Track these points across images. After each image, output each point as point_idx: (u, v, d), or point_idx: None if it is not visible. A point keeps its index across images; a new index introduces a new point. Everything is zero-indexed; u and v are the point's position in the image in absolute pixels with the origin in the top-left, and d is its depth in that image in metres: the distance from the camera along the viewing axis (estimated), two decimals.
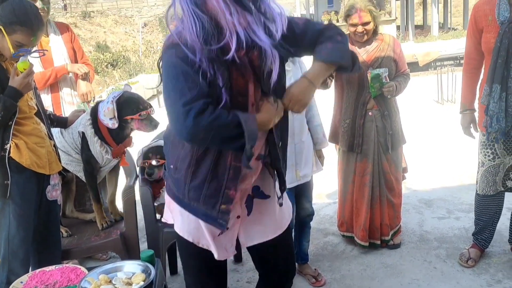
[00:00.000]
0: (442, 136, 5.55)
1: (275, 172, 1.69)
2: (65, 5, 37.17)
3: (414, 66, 10.73)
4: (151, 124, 2.53)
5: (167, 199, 1.72)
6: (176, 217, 1.68)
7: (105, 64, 27.05)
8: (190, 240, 1.65)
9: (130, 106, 2.47)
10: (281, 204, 1.74)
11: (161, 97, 9.60)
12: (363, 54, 2.82)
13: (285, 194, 1.78)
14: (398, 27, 27.59)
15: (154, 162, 2.66)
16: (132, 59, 23.14)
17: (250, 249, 1.79)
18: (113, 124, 2.46)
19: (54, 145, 2.35)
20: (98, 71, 27.02)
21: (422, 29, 26.86)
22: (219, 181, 1.52)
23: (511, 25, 2.38)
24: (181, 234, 1.67)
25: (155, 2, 43.32)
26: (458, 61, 10.69)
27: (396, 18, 27.39)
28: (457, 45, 13.75)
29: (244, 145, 1.39)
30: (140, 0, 43.40)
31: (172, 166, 1.60)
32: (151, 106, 2.56)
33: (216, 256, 1.65)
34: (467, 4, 27.27)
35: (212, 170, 1.51)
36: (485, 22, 2.50)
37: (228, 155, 1.50)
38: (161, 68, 1.44)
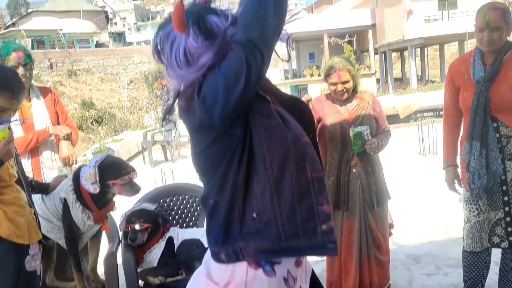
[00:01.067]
0: (426, 188, 5.58)
1: None
2: (50, 64, 37.67)
3: (395, 118, 10.99)
4: (133, 189, 2.51)
5: (247, 277, 1.39)
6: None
7: (90, 121, 27.17)
8: None
9: (112, 170, 2.46)
10: None
11: (146, 154, 9.51)
12: (344, 112, 2.87)
13: None
14: (378, 80, 28.46)
15: (137, 227, 2.61)
16: (117, 116, 23.27)
17: None
18: (94, 189, 2.43)
19: (35, 213, 2.29)
20: (83, 128, 27.10)
21: (401, 81, 27.68)
22: (308, 200, 1.36)
23: (487, 84, 2.46)
24: None
25: (140, 60, 44.19)
26: (437, 113, 10.98)
27: (376, 71, 28.33)
28: (436, 97, 14.16)
29: None
30: (126, 58, 44.29)
31: (254, 215, 1.36)
32: (133, 170, 2.54)
33: None
34: (443, 57, 28.41)
35: (297, 189, 1.35)
36: (461, 81, 2.59)
37: (306, 168, 1.36)
38: None
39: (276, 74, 31.26)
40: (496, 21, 2.38)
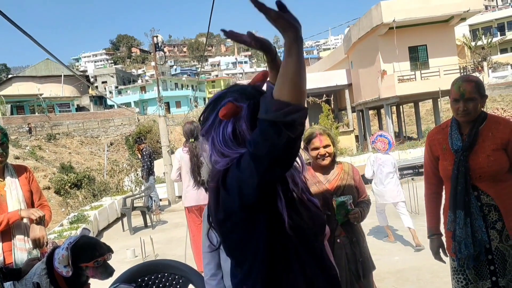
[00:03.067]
0: (411, 252, 5.50)
1: None
2: (30, 129, 37.47)
3: None
4: (106, 271, 2.40)
5: None
6: None
7: (69, 185, 26.72)
8: None
9: (85, 252, 2.35)
10: None
11: (125, 220, 9.32)
12: (325, 182, 2.85)
13: None
14: (357, 138, 28.97)
15: None
16: (97, 179, 22.93)
17: None
18: (67, 272, 2.32)
19: None
20: (61, 193, 26.60)
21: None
22: None
23: (465, 153, 2.48)
24: None
25: (121, 122, 44.36)
26: (417, 170, 11.10)
27: (354, 129, 28.89)
28: (414, 154, 14.43)
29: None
30: (107, 120, 44.43)
31: None
32: (108, 251, 2.44)
33: None
34: (419, 114, 29.23)
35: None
36: (440, 151, 2.61)
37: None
38: None
39: None
40: (470, 92, 2.45)
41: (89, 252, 2.36)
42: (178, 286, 2.88)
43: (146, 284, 2.84)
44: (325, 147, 2.82)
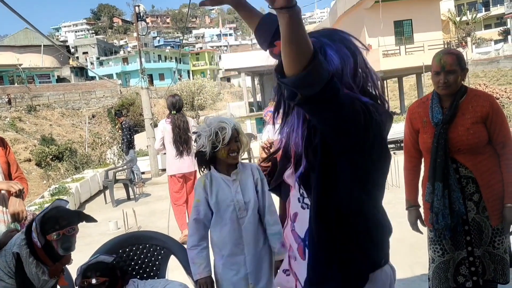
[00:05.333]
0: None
1: None
2: (9, 100, 36.67)
3: None
4: (61, 247, 2.34)
5: None
6: None
7: (50, 157, 26.42)
8: None
9: (47, 224, 2.33)
10: None
11: (108, 192, 9.28)
12: None
13: None
14: None
15: (93, 281, 2.45)
16: (78, 152, 22.70)
17: None
18: (38, 242, 2.31)
19: None
20: (43, 165, 26.30)
21: None
22: None
23: (445, 126, 2.50)
24: None
25: (103, 94, 43.70)
26: (398, 144, 11.20)
27: None
28: (397, 128, 14.51)
29: None
30: (88, 92, 43.71)
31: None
32: (69, 225, 2.36)
33: None
34: (402, 89, 29.37)
35: None
36: (420, 124, 2.63)
37: None
38: None
39: (241, 107, 31.53)
40: (451, 65, 2.45)
41: (50, 224, 2.33)
42: (159, 257, 2.90)
43: (127, 255, 2.85)
44: None
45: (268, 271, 2.53)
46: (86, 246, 5.41)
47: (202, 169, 2.54)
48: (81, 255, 2.82)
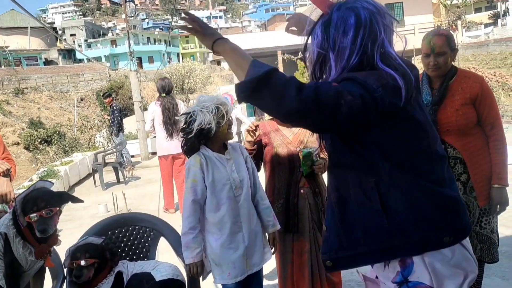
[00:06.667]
0: None
1: None
2: None
3: None
4: (37, 228, 2.30)
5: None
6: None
7: (39, 140, 26.15)
8: None
9: (26, 206, 2.32)
10: None
11: (97, 175, 9.23)
12: (290, 135, 2.88)
13: None
14: None
15: (82, 263, 2.45)
16: (67, 135, 22.49)
17: None
18: (21, 223, 2.29)
19: None
20: (31, 148, 26.04)
21: None
22: None
23: (434, 107, 2.51)
24: None
25: (92, 77, 43.17)
26: None
27: None
28: None
29: None
30: (76, 75, 43.14)
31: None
32: (48, 206, 2.33)
33: None
34: None
35: None
36: None
37: None
38: None
39: (231, 91, 31.40)
40: (441, 46, 2.45)
41: (29, 206, 2.32)
42: (149, 239, 2.90)
43: (117, 237, 2.84)
44: None
45: (261, 246, 2.58)
46: (76, 228, 5.41)
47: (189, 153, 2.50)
48: (71, 237, 2.82)
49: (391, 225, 1.40)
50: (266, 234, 2.68)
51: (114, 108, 10.19)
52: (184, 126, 2.42)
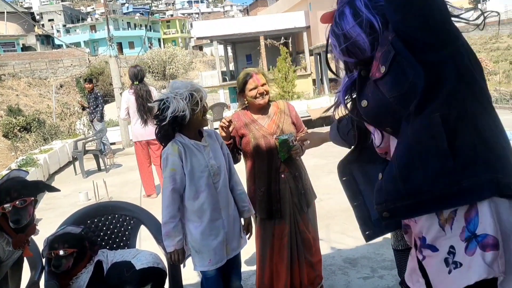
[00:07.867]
0: None
1: None
2: None
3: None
4: (10, 219, 2.29)
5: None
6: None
7: (18, 128, 25.72)
8: None
9: (1, 196, 2.29)
10: None
11: (77, 163, 9.09)
12: (264, 123, 2.89)
13: None
14: (314, 81, 29.08)
15: (61, 252, 2.43)
16: (47, 122, 22.15)
17: None
18: None
19: None
20: (10, 136, 25.59)
21: (336, 82, 28.40)
22: None
23: None
24: None
25: (71, 63, 42.42)
26: None
27: (312, 72, 28.96)
28: None
29: None
30: (55, 61, 42.35)
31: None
32: (21, 197, 2.31)
33: None
34: None
35: None
36: None
37: None
38: None
39: (214, 76, 31.19)
40: None
41: (3, 196, 2.29)
42: (129, 227, 2.88)
43: (96, 226, 2.82)
44: (262, 85, 2.86)
45: (238, 231, 2.61)
46: (56, 218, 5.35)
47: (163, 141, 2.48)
48: (51, 226, 2.79)
49: (459, 165, 1.25)
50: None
51: (98, 94, 10.05)
52: (158, 113, 2.38)
